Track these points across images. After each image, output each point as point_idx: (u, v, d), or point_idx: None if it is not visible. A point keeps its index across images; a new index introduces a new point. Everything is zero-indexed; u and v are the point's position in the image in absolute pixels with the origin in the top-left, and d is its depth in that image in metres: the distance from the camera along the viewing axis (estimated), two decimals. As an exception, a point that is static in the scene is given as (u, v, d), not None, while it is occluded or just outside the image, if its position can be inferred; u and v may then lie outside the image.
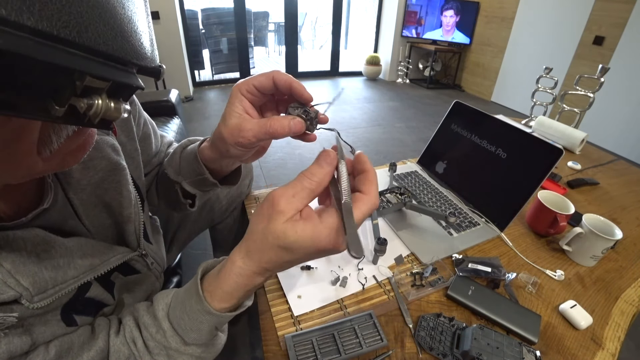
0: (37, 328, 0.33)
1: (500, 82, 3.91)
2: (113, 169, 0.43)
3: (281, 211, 0.29)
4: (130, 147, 0.50)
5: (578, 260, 0.72)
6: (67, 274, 0.35)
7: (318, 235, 0.28)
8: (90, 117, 0.19)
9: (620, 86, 2.68)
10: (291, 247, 0.29)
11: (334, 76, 4.77)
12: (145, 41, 0.22)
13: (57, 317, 0.36)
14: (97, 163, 0.41)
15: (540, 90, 1.52)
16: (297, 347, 0.51)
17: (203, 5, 3.83)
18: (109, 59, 0.19)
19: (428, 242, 0.75)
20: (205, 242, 1.38)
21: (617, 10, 2.71)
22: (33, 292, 0.31)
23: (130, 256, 0.45)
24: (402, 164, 1.08)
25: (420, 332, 0.54)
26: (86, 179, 0.40)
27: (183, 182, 0.52)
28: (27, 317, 0.32)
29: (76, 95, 0.18)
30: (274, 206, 0.29)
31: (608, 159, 1.26)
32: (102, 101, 0.19)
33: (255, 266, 0.32)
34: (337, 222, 0.29)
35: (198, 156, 0.48)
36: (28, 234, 0.32)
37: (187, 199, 0.56)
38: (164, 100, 1.96)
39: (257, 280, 0.34)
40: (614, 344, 0.55)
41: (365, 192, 0.30)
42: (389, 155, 2.46)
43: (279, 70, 0.36)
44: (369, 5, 6.05)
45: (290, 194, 0.29)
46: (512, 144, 0.82)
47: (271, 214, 0.29)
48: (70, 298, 0.37)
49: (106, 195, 0.43)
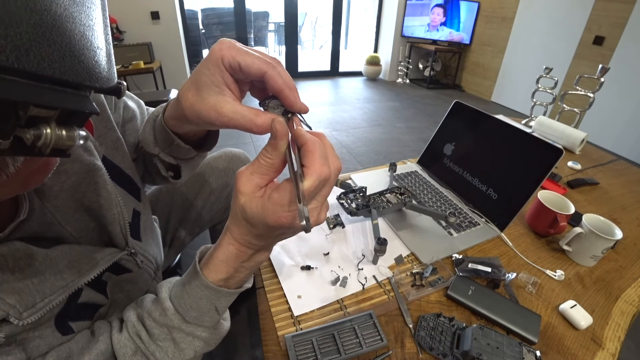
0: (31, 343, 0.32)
1: (500, 82, 3.91)
2: (87, 171, 0.41)
3: (239, 189, 0.30)
4: (111, 137, 0.47)
5: (578, 260, 0.72)
6: (54, 284, 0.34)
7: (266, 210, 0.29)
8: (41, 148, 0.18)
9: (620, 86, 2.68)
10: (252, 222, 0.31)
11: (334, 76, 4.77)
12: (100, 58, 0.20)
13: (51, 328, 0.35)
14: (69, 167, 0.39)
15: (540, 90, 1.52)
16: (297, 347, 0.51)
17: (203, 5, 3.84)
18: (57, 84, 0.17)
19: (428, 242, 0.75)
20: (205, 242, 1.37)
21: (617, 10, 2.71)
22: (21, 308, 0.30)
23: (119, 256, 0.45)
24: (402, 164, 1.08)
25: (420, 332, 0.54)
26: (58, 185, 0.38)
27: (160, 153, 0.48)
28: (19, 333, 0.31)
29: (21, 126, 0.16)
30: (236, 184, 0.30)
31: (608, 159, 1.26)
32: (52, 130, 0.17)
33: (238, 237, 0.34)
34: (285, 197, 0.29)
35: (163, 124, 0.44)
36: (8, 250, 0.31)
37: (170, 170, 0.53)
38: (163, 100, 1.96)
39: (247, 252, 0.35)
40: (614, 344, 0.55)
41: (307, 164, 0.28)
42: (389, 155, 2.46)
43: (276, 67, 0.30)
44: (369, 5, 6.05)
45: (249, 172, 0.30)
46: (512, 144, 0.82)
47: (235, 191, 0.31)
48: (62, 307, 0.36)
49: (85, 199, 0.41)
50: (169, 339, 0.39)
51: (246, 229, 0.33)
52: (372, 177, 1.00)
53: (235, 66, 0.30)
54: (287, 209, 0.29)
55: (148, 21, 3.06)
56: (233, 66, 0.30)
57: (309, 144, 0.29)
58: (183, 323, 0.38)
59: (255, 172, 0.30)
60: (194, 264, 0.38)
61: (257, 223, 0.31)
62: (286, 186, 0.29)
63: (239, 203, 0.30)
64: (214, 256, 0.36)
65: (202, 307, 0.38)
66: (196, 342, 0.39)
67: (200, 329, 0.39)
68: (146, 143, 0.48)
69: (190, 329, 0.38)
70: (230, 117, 0.30)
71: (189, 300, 0.38)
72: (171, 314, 0.38)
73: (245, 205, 0.30)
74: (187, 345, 0.39)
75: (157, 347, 0.39)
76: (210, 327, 0.40)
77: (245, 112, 0.30)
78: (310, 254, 0.70)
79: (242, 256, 0.35)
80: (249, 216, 0.30)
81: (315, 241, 0.74)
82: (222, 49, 0.30)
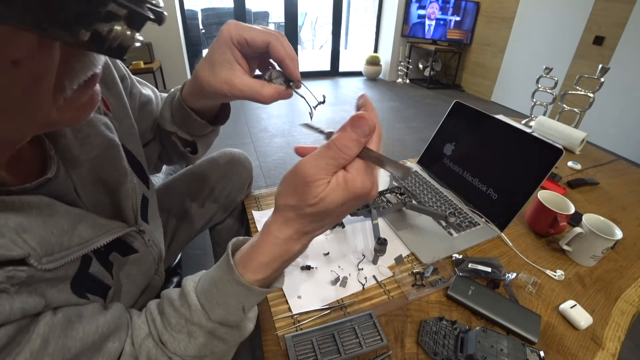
0: (49, 292, 0.33)
1: (500, 82, 3.91)
2: (108, 146, 0.43)
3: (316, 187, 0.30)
4: (126, 123, 0.50)
5: (578, 260, 0.72)
6: (72, 240, 0.35)
7: (352, 184, 0.30)
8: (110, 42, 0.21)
9: (620, 86, 2.68)
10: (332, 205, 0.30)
11: (334, 76, 4.77)
12: None
13: (68, 290, 0.36)
14: (93, 139, 0.41)
15: (540, 90, 1.52)
16: (297, 347, 0.51)
17: (203, 5, 3.84)
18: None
19: (428, 242, 0.75)
20: (205, 242, 1.38)
21: (617, 10, 2.71)
22: (41, 252, 0.31)
23: (127, 230, 0.45)
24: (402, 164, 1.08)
25: (423, 336, 0.54)
26: (83, 155, 0.40)
27: (178, 130, 0.53)
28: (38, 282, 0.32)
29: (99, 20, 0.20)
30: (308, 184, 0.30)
31: (608, 159, 1.26)
32: (121, 27, 0.21)
33: (293, 231, 0.33)
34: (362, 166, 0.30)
35: (181, 101, 0.49)
36: (33, 199, 0.33)
37: (187, 147, 0.57)
38: (164, 100, 1.95)
39: (294, 249, 0.34)
40: (614, 344, 0.55)
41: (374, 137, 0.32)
42: (389, 155, 2.44)
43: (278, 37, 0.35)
44: (369, 5, 6.05)
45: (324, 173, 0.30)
46: (512, 144, 0.82)
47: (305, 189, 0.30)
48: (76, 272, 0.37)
49: (102, 172, 0.43)
50: (185, 332, 0.38)
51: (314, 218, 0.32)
52: (372, 177, 1.00)
53: (242, 41, 0.35)
54: (372, 175, 0.31)
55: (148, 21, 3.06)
56: (240, 42, 0.35)
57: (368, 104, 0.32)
58: (207, 321, 0.37)
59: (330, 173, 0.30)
60: (227, 257, 0.36)
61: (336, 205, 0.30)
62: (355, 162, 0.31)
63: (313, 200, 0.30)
64: (254, 257, 0.35)
65: (229, 305, 0.36)
66: (214, 342, 0.38)
67: (223, 328, 0.38)
68: (164, 121, 0.53)
69: (211, 327, 0.37)
70: (240, 89, 0.36)
71: (218, 295, 0.36)
72: (194, 310, 0.37)
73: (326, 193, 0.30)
74: (204, 342, 0.38)
75: (170, 337, 0.38)
76: (233, 327, 0.39)
77: (252, 84, 0.35)
78: (310, 254, 0.70)
79: (287, 254, 0.35)
80: (330, 201, 0.30)
81: (316, 241, 0.73)
82: (229, 29, 0.35)
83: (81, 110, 0.30)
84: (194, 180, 0.82)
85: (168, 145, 0.62)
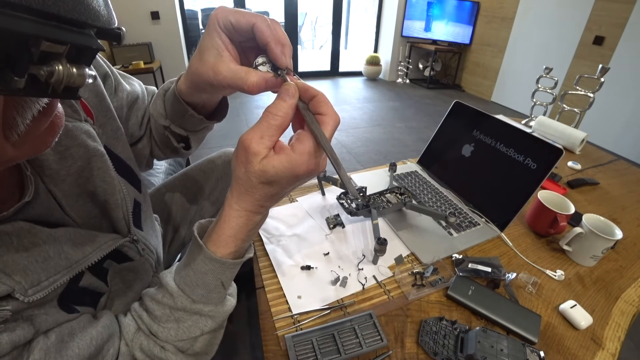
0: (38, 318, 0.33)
1: (500, 82, 3.91)
2: (91, 156, 0.41)
3: (255, 153, 0.30)
4: (111, 127, 0.48)
5: (578, 260, 0.72)
6: (58, 264, 0.35)
7: (295, 163, 0.30)
8: (54, 86, 0.19)
9: (620, 86, 2.68)
10: (273, 181, 0.31)
11: (334, 76, 4.77)
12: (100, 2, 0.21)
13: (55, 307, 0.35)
14: (74, 152, 0.39)
15: (540, 90, 1.52)
16: (297, 347, 0.51)
17: (203, 5, 3.84)
18: (63, 22, 0.18)
19: (428, 242, 0.75)
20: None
21: (617, 10, 2.71)
22: (26, 285, 0.31)
23: (121, 242, 0.45)
24: (402, 164, 1.08)
25: (423, 336, 0.54)
26: (64, 169, 0.39)
27: (171, 125, 0.51)
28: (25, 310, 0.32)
29: (34, 63, 0.17)
30: (247, 150, 0.30)
31: (608, 159, 1.26)
32: (63, 67, 0.18)
33: (250, 205, 0.34)
34: (310, 146, 0.31)
35: (177, 94, 0.46)
36: (12, 228, 0.32)
37: (181, 142, 0.56)
38: (164, 100, 1.95)
39: (255, 219, 0.36)
40: (614, 344, 0.55)
41: (325, 112, 0.32)
42: (389, 155, 2.46)
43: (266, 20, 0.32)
44: (369, 5, 6.05)
45: (258, 135, 0.30)
46: (512, 144, 0.82)
47: (247, 157, 0.31)
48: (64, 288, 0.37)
49: (88, 184, 0.42)
50: (173, 320, 0.38)
51: (263, 192, 0.32)
52: (372, 177, 1.00)
53: (228, 25, 0.33)
54: (315, 156, 0.31)
55: (148, 21, 3.06)
56: (227, 26, 0.33)
57: (320, 95, 0.32)
58: (190, 303, 0.38)
59: (265, 135, 0.30)
60: (195, 240, 0.37)
61: (280, 179, 0.31)
62: (305, 137, 0.31)
63: (255, 168, 0.30)
64: (221, 232, 0.36)
65: (208, 283, 0.37)
66: (202, 321, 0.39)
67: (207, 306, 0.38)
68: (157, 115, 0.51)
69: (197, 308, 0.38)
70: (225, 76, 0.33)
71: (194, 277, 0.37)
72: (177, 296, 0.38)
73: (266, 166, 0.30)
74: (192, 324, 0.39)
75: (159, 328, 0.39)
76: (217, 304, 0.40)
77: (238, 71, 0.33)
78: (310, 254, 0.70)
79: (251, 224, 0.36)
80: (271, 175, 0.30)
81: (315, 241, 0.74)
82: (217, 13, 0.33)
83: (42, 140, 0.27)
84: (192, 181, 0.82)
85: (160, 141, 0.60)
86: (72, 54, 0.19)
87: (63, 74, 0.19)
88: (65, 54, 0.19)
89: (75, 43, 0.19)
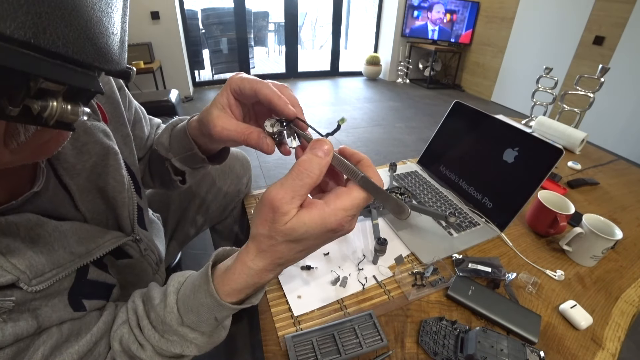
0: (43, 311, 0.33)
1: (500, 82, 3.91)
2: (106, 154, 0.43)
3: (285, 213, 0.29)
4: (122, 132, 0.50)
5: (578, 260, 0.72)
6: (63, 257, 0.35)
7: (327, 218, 0.29)
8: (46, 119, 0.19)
9: (620, 86, 2.68)
10: (302, 238, 0.30)
11: (334, 76, 4.77)
12: (113, 43, 0.22)
13: (64, 302, 0.36)
14: (91, 147, 0.41)
15: (540, 90, 1.52)
16: (297, 347, 0.51)
17: (203, 5, 3.83)
18: (68, 62, 0.19)
19: (428, 242, 0.75)
20: (205, 242, 1.38)
21: (617, 10, 2.71)
22: (30, 275, 0.31)
23: (123, 240, 0.46)
24: (402, 164, 1.08)
25: (423, 337, 0.54)
26: (80, 163, 0.40)
27: (173, 158, 0.53)
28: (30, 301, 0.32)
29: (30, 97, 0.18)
30: (276, 210, 0.29)
31: (608, 159, 1.26)
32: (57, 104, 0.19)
33: (267, 264, 0.33)
34: (347, 202, 0.30)
35: (187, 131, 0.49)
36: (20, 219, 0.32)
37: (177, 175, 0.57)
38: (163, 100, 1.96)
39: (267, 277, 0.34)
40: (614, 344, 0.55)
41: (371, 175, 0.31)
42: (389, 155, 2.46)
43: (268, 83, 0.35)
44: (369, 5, 6.05)
45: (290, 196, 0.29)
46: (512, 144, 0.82)
47: (274, 217, 0.29)
48: (73, 282, 0.37)
49: (99, 180, 0.43)
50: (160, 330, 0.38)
51: (289, 249, 0.31)
52: (372, 177, 1.00)
53: (237, 89, 0.37)
54: (349, 212, 0.30)
55: (148, 21, 3.06)
56: (236, 90, 0.37)
57: (365, 159, 0.33)
58: (178, 324, 0.37)
59: (297, 196, 0.29)
60: (207, 268, 0.37)
61: (309, 236, 0.30)
62: (343, 192, 0.30)
63: (282, 227, 0.29)
64: (228, 280, 0.35)
65: (201, 314, 0.37)
66: (185, 344, 0.38)
67: (194, 333, 0.38)
68: (161, 147, 0.54)
69: (182, 331, 0.37)
70: (222, 128, 0.38)
71: (193, 303, 0.37)
72: (169, 311, 0.37)
73: (295, 224, 0.29)
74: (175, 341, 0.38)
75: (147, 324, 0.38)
76: (205, 333, 0.39)
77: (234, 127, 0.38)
78: (310, 254, 0.70)
79: (261, 282, 0.35)
80: (301, 233, 0.29)
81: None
82: (233, 77, 0.38)
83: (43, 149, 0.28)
84: (193, 180, 0.82)
85: (155, 171, 0.63)
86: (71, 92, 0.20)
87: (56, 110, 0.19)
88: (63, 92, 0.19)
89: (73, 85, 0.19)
